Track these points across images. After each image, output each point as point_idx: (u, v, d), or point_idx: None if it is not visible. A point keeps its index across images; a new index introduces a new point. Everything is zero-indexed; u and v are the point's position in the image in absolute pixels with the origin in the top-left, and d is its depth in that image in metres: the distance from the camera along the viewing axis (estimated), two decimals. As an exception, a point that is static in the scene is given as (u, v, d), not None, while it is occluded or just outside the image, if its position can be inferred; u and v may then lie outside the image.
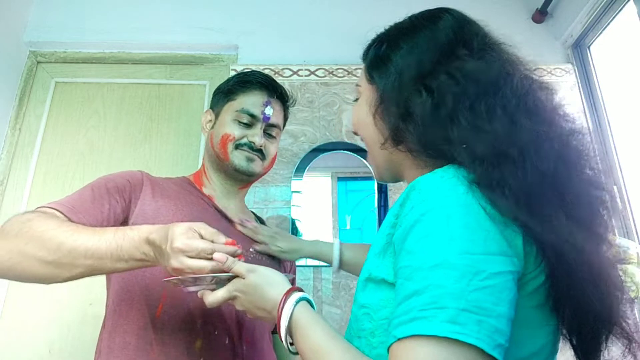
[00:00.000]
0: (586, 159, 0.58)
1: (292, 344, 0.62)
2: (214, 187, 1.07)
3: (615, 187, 1.71)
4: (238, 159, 1.02)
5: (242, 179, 1.06)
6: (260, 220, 1.17)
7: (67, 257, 0.72)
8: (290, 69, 1.88)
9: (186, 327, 0.86)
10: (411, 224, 0.51)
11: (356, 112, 0.74)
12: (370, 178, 1.76)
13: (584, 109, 1.85)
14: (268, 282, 0.67)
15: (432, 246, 0.48)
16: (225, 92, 1.08)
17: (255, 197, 1.68)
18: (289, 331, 0.61)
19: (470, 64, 0.59)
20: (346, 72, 1.88)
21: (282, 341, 0.62)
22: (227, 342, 0.88)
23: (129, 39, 1.92)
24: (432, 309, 0.45)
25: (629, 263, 1.55)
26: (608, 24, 1.79)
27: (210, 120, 1.10)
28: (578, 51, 1.93)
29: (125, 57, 1.95)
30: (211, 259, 0.68)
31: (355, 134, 0.76)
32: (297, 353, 0.62)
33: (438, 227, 0.49)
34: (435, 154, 0.59)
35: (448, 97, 0.58)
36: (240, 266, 0.69)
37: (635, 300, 1.56)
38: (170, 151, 1.82)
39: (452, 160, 0.56)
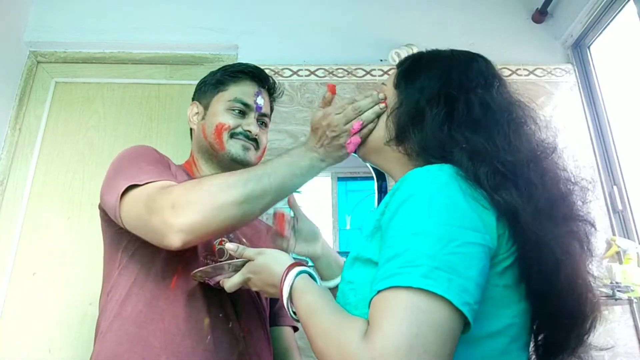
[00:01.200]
0: (562, 166, 0.68)
1: (294, 312, 0.68)
2: None
3: (615, 187, 1.72)
4: (235, 148, 1.03)
5: (237, 168, 1.05)
6: None
7: (257, 188, 0.79)
8: (290, 69, 1.88)
9: (196, 304, 0.88)
10: (397, 206, 0.58)
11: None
12: (370, 178, 1.76)
13: (584, 109, 1.85)
14: (275, 261, 0.75)
15: (413, 219, 0.56)
16: (214, 83, 1.09)
17: (255, 197, 1.68)
18: (291, 299, 0.68)
19: (485, 96, 0.70)
20: (346, 72, 1.88)
21: (285, 309, 0.69)
22: (230, 325, 0.91)
23: (129, 39, 1.92)
24: (409, 266, 0.51)
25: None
26: (608, 24, 1.79)
27: (198, 113, 1.10)
28: (578, 51, 1.93)
29: (125, 57, 1.95)
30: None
31: None
32: (298, 320, 0.67)
33: (420, 205, 0.56)
34: (430, 156, 0.68)
35: (457, 115, 0.68)
36: (249, 251, 0.79)
37: (635, 300, 1.56)
38: (170, 151, 1.79)
39: (442, 161, 0.65)
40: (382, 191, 1.72)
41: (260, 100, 1.08)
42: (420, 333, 0.47)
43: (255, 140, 1.05)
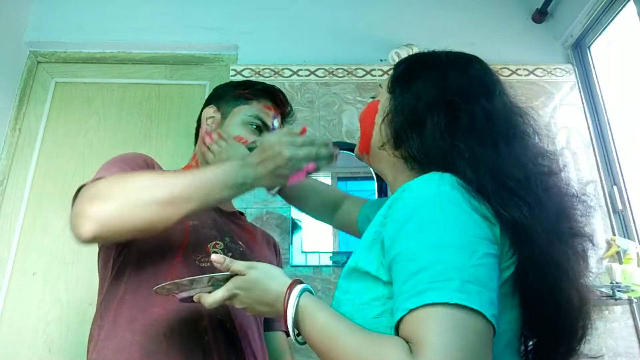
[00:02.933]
0: (566, 181, 0.69)
1: (298, 334, 0.63)
2: None
3: (615, 187, 1.72)
4: None
5: None
6: (241, 214, 1.18)
7: (183, 192, 0.77)
8: (290, 69, 1.88)
9: (193, 307, 0.86)
10: (406, 217, 0.59)
11: (369, 109, 0.82)
12: (370, 178, 1.76)
13: (584, 109, 1.85)
14: (268, 276, 0.68)
15: (430, 231, 0.56)
16: (237, 96, 1.10)
17: (255, 197, 1.68)
18: (296, 322, 0.63)
19: (488, 106, 0.70)
20: (346, 72, 1.88)
21: (287, 332, 0.63)
22: (228, 326, 0.91)
23: (129, 39, 1.92)
24: (441, 281, 0.52)
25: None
26: (608, 24, 1.78)
27: (213, 117, 1.10)
28: (578, 51, 1.93)
29: (125, 57, 1.95)
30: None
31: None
32: (304, 343, 0.63)
33: (433, 216, 0.57)
34: (430, 163, 0.67)
35: (460, 124, 0.68)
36: (238, 264, 0.70)
37: (635, 300, 1.56)
38: (170, 151, 1.82)
39: (442, 170, 0.65)
40: (382, 191, 1.72)
41: (276, 123, 1.11)
42: (469, 347, 0.49)
43: None
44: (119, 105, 1.89)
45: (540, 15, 1.98)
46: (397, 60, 1.83)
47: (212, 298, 0.70)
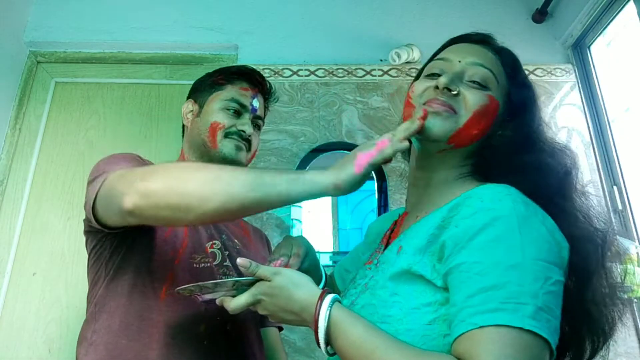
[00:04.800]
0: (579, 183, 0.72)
1: (327, 344, 0.62)
2: None
3: (615, 187, 1.72)
4: (227, 147, 1.02)
5: None
6: None
7: (263, 200, 0.69)
8: (290, 69, 1.88)
9: (191, 312, 0.86)
10: (478, 228, 0.58)
11: (492, 106, 0.72)
12: (370, 178, 1.76)
13: (584, 109, 1.85)
14: (294, 284, 0.66)
15: (505, 249, 0.55)
16: (211, 83, 1.09)
17: (255, 197, 1.68)
18: (327, 334, 0.61)
19: (543, 130, 0.75)
20: (346, 72, 1.88)
21: (318, 343, 0.61)
22: (228, 327, 0.90)
23: (129, 39, 1.92)
24: (514, 303, 0.52)
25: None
26: (608, 24, 1.78)
27: (192, 110, 1.09)
28: (578, 51, 1.93)
29: (125, 57, 1.95)
30: None
31: (445, 89, 0.72)
32: (334, 354, 0.62)
33: (509, 234, 0.56)
34: (496, 172, 0.69)
35: (529, 139, 0.72)
36: (264, 269, 0.67)
37: (635, 300, 1.56)
38: (170, 151, 1.82)
39: (505, 180, 0.65)
40: (382, 191, 1.72)
41: (256, 103, 1.08)
42: None
43: (248, 141, 1.05)
44: (119, 105, 1.89)
45: (540, 15, 1.98)
46: (397, 60, 1.84)
47: (235, 302, 0.67)
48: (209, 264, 0.92)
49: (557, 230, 0.60)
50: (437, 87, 0.71)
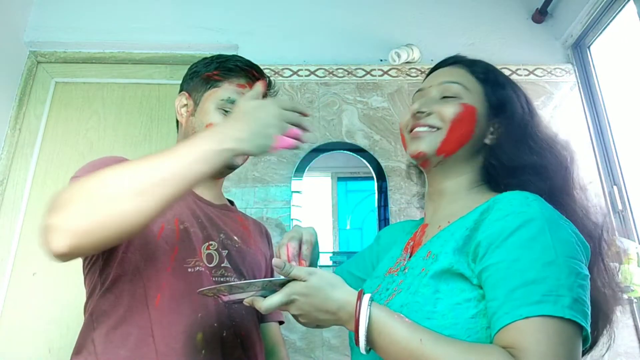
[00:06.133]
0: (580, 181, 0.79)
1: (368, 341, 0.63)
2: None
3: (615, 187, 1.72)
4: None
5: (223, 171, 1.03)
6: (231, 203, 1.14)
7: (153, 176, 0.67)
8: (290, 69, 1.88)
9: (187, 320, 0.85)
10: (511, 229, 0.63)
11: (469, 113, 0.79)
12: (370, 178, 1.76)
13: (584, 109, 1.85)
14: (330, 284, 0.66)
15: (540, 248, 0.61)
16: (206, 78, 1.02)
17: (255, 197, 1.68)
18: (369, 332, 0.62)
19: (549, 131, 0.82)
20: (346, 72, 1.88)
21: (358, 343, 0.62)
22: (225, 334, 0.88)
23: (129, 39, 1.92)
24: (554, 295, 0.57)
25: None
26: (608, 24, 1.79)
27: (186, 105, 1.04)
28: (578, 51, 1.93)
29: (125, 57, 1.95)
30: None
31: (420, 113, 0.81)
32: (369, 350, 0.63)
33: (542, 233, 0.62)
34: (510, 176, 0.76)
35: (537, 148, 0.78)
36: (299, 270, 0.67)
37: (635, 300, 1.56)
38: (170, 151, 1.81)
39: (515, 187, 0.72)
40: (382, 191, 1.72)
41: None
42: (573, 357, 0.57)
43: None
44: (119, 105, 1.89)
45: (540, 15, 1.98)
46: (397, 60, 1.84)
47: (269, 302, 0.66)
48: (202, 268, 0.90)
49: (578, 231, 0.66)
50: (413, 115, 0.81)
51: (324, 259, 1.65)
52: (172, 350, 0.82)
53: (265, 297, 0.67)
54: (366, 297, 0.64)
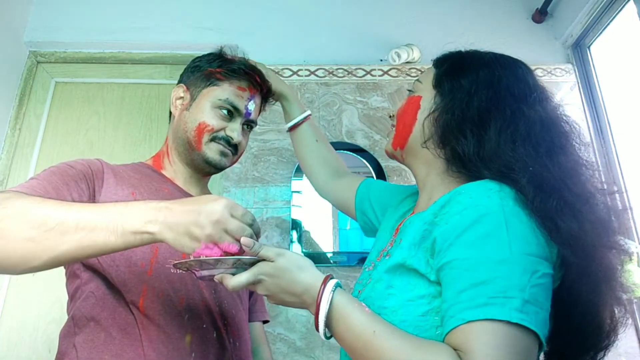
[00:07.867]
0: (604, 191, 0.70)
1: (326, 327, 0.62)
2: (176, 170, 1.02)
3: (615, 187, 1.71)
4: (212, 151, 0.97)
5: (210, 171, 1.02)
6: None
7: (55, 229, 0.63)
8: (290, 69, 1.88)
9: (173, 323, 0.82)
10: (466, 224, 0.59)
11: (411, 104, 0.80)
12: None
13: (584, 109, 1.85)
14: (298, 266, 0.66)
15: (493, 245, 0.57)
16: (208, 75, 1.02)
17: (255, 197, 1.68)
18: (328, 318, 0.62)
19: (543, 114, 0.70)
20: (346, 72, 1.89)
21: (317, 328, 0.62)
22: (215, 335, 0.86)
23: (129, 39, 1.92)
24: (502, 297, 0.54)
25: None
26: (608, 24, 1.79)
27: (182, 98, 1.03)
28: (578, 51, 1.93)
29: (125, 57, 1.95)
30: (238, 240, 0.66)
31: (391, 117, 0.86)
32: (330, 337, 0.63)
33: (497, 230, 0.58)
34: (485, 168, 0.66)
35: (519, 132, 0.67)
36: (268, 249, 0.67)
37: (635, 300, 1.56)
38: (170, 151, 1.82)
39: (495, 176, 0.65)
40: (382, 191, 1.72)
41: (252, 106, 1.01)
42: None
43: (235, 147, 1.00)
44: (119, 105, 1.89)
45: (540, 15, 1.98)
46: (397, 60, 1.84)
47: (236, 281, 0.65)
48: (186, 270, 0.87)
49: (543, 229, 0.60)
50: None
51: (324, 259, 1.65)
52: (161, 354, 0.79)
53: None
54: (331, 283, 0.64)
